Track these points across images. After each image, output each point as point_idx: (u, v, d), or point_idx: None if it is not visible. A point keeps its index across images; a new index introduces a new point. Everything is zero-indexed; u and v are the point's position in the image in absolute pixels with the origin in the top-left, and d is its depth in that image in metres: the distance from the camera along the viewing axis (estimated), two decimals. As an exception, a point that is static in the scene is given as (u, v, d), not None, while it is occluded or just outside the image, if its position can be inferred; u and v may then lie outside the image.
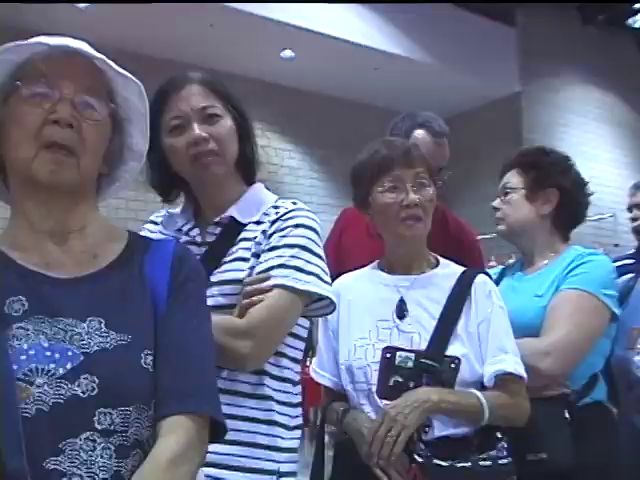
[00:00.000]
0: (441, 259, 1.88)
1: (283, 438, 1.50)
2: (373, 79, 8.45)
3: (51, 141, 1.11)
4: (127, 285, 1.15)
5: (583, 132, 9.81)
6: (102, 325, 1.09)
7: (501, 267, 2.36)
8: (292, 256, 1.46)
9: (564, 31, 9.69)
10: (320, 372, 1.86)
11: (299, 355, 1.59)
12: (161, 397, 1.08)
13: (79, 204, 1.18)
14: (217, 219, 1.57)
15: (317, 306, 1.52)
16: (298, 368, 1.59)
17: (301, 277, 1.44)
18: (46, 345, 1.05)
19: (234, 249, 1.52)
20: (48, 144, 1.11)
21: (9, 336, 1.04)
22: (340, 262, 2.29)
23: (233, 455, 1.42)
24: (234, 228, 1.56)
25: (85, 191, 1.19)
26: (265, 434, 1.47)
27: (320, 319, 1.86)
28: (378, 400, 1.69)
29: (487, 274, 1.91)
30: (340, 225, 2.56)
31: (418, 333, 1.73)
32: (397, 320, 1.75)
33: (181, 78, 1.56)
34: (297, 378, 1.58)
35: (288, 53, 7.95)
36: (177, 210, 1.66)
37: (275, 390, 1.50)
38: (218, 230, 1.57)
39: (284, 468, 1.49)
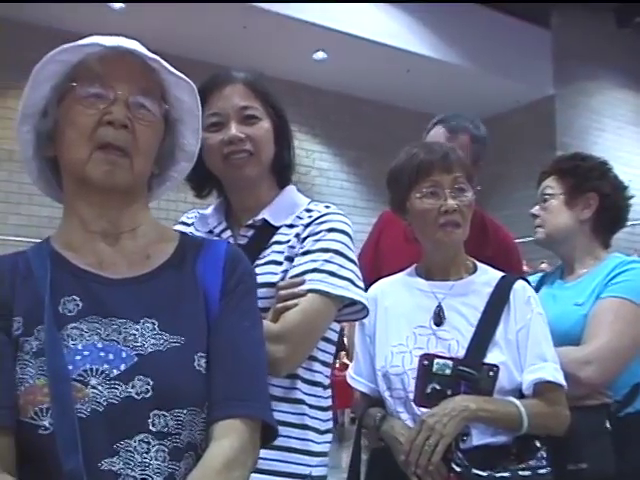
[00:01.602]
0: (479, 264, 1.85)
1: (315, 442, 1.50)
2: (405, 81, 8.43)
3: (105, 142, 1.11)
4: (180, 286, 1.15)
5: (618, 136, 9.70)
6: (155, 326, 1.09)
7: (540, 274, 2.33)
8: (326, 260, 1.45)
9: (599, 33, 9.59)
10: (357, 378, 1.85)
11: (330, 359, 1.58)
12: (214, 400, 1.08)
13: (131, 205, 1.18)
14: (250, 221, 1.57)
15: (349, 311, 1.51)
16: (329, 372, 1.59)
17: (335, 282, 1.44)
18: (100, 346, 1.05)
19: (267, 252, 1.52)
20: (102, 145, 1.11)
21: (64, 336, 1.05)
22: (377, 266, 2.28)
23: (266, 459, 1.41)
24: (267, 231, 1.55)
25: (137, 191, 1.19)
26: (298, 438, 1.46)
27: (357, 325, 1.86)
28: (415, 408, 1.67)
29: (526, 280, 1.88)
30: (378, 228, 2.54)
31: (456, 340, 1.70)
32: (434, 327, 1.73)
33: (224, 76, 1.56)
34: (327, 382, 1.58)
35: (320, 55, 7.96)
36: (208, 211, 1.66)
37: (307, 394, 1.50)
38: (250, 233, 1.56)
39: (316, 472, 1.49)
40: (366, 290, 1.56)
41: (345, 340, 7.25)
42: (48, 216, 6.96)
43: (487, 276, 1.81)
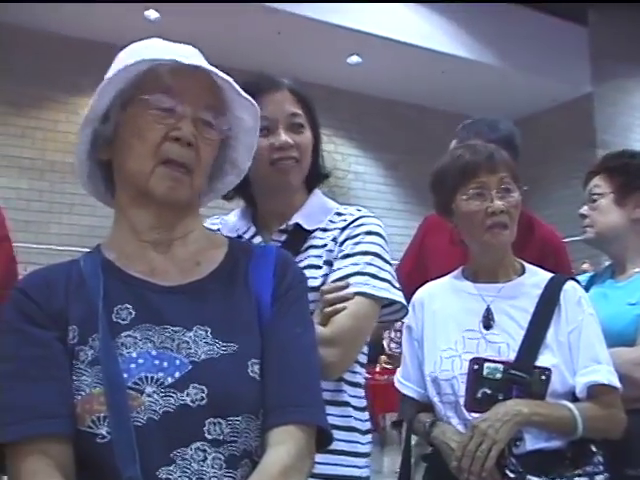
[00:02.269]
0: (527, 265, 1.82)
1: (361, 443, 1.51)
2: (440, 83, 8.38)
3: (170, 158, 1.11)
4: (231, 292, 1.15)
5: (662, 133, 9.53)
6: (208, 334, 1.09)
7: (588, 274, 2.29)
8: (367, 263, 1.46)
9: (637, 30, 9.43)
10: (405, 383, 1.83)
11: (365, 359, 1.59)
12: (269, 406, 1.08)
13: (186, 216, 1.19)
14: (282, 226, 1.57)
15: (387, 311, 1.52)
16: (364, 372, 1.60)
17: (377, 284, 1.45)
18: (154, 353, 1.05)
19: (302, 256, 1.52)
20: (166, 160, 1.11)
21: (118, 344, 1.05)
22: (422, 269, 2.27)
23: (318, 463, 1.41)
24: (300, 235, 1.55)
25: (193, 203, 1.20)
26: (345, 440, 1.46)
27: (404, 329, 1.85)
28: (466, 413, 1.65)
29: (576, 280, 1.84)
30: (422, 232, 2.53)
31: (506, 343, 1.68)
32: (484, 330, 1.71)
33: (272, 81, 1.56)
34: (363, 382, 1.59)
35: (355, 59, 7.96)
36: (232, 217, 1.66)
37: (351, 396, 1.51)
38: (283, 237, 1.56)
39: (364, 474, 1.50)
40: (406, 294, 1.55)
41: (385, 344, 7.23)
42: (88, 225, 7.07)
43: (536, 277, 1.78)
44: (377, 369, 7.71)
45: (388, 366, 7.41)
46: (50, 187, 7.08)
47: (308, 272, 1.48)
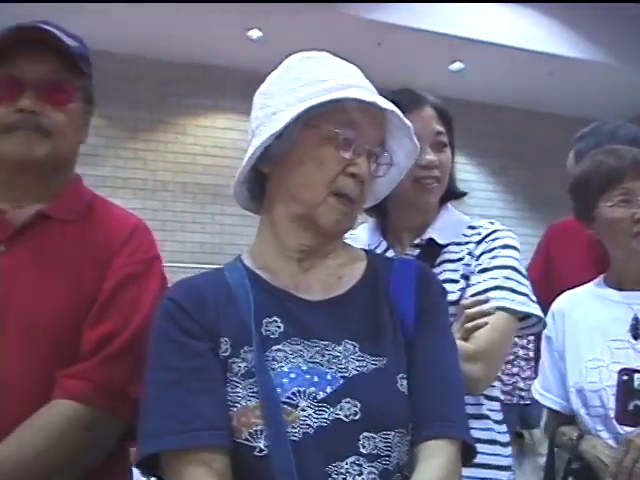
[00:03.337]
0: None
1: (503, 456, 1.49)
2: (547, 85, 8.15)
3: (344, 193, 1.13)
4: (374, 307, 1.15)
5: None
6: (357, 349, 1.09)
7: None
8: (506, 277, 1.45)
9: None
10: (546, 394, 1.78)
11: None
12: (419, 421, 1.07)
13: (338, 240, 1.21)
14: (417, 241, 1.56)
15: (523, 325, 1.50)
16: (499, 385, 1.59)
17: (516, 298, 1.44)
18: (305, 368, 1.06)
19: (437, 271, 1.51)
20: (339, 194, 1.12)
21: (269, 358, 1.07)
22: (549, 279, 2.22)
23: (464, 477, 1.40)
24: (433, 250, 1.55)
25: None
26: (488, 454, 1.45)
27: (543, 340, 1.82)
28: (617, 426, 1.59)
29: None
30: (547, 241, 2.47)
31: (657, 353, 1.61)
32: (632, 340, 1.65)
33: (415, 97, 1.56)
34: (499, 395, 1.58)
35: (457, 65, 7.85)
36: (360, 231, 1.66)
37: (490, 410, 1.50)
38: (416, 252, 1.56)
39: None
40: (538, 304, 1.52)
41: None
42: (199, 242, 7.26)
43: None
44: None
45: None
46: (162, 206, 7.30)
47: (446, 286, 1.48)
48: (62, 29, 1.34)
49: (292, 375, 1.05)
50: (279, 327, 1.09)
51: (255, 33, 7.03)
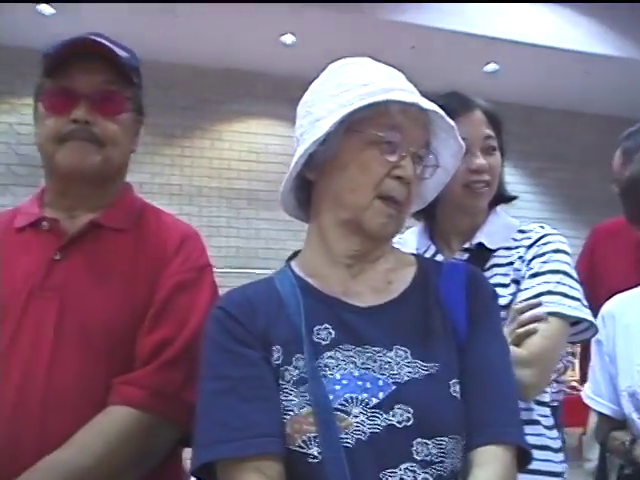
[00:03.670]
0: None
1: (555, 462, 1.48)
2: (583, 84, 8.05)
3: (390, 196, 1.13)
4: (425, 312, 1.14)
5: None
6: (408, 354, 1.08)
7: None
8: (558, 282, 1.44)
9: None
10: (596, 399, 1.76)
11: None
12: (473, 426, 1.07)
13: (384, 243, 1.20)
14: (466, 245, 1.56)
15: (574, 330, 1.48)
16: (549, 390, 1.57)
17: (568, 303, 1.43)
18: (356, 374, 1.06)
19: (487, 275, 1.50)
20: (385, 197, 1.13)
21: (321, 365, 1.07)
22: (595, 281, 2.20)
23: None
24: (483, 254, 1.54)
25: None
26: (540, 460, 1.43)
27: (593, 344, 1.79)
28: (672, 431, 1.56)
29: None
30: (591, 243, 2.45)
31: None
32: (685, 343, 1.61)
33: (464, 101, 1.56)
34: (549, 400, 1.56)
35: (492, 67, 7.80)
36: (408, 235, 1.66)
37: (540, 415, 1.49)
38: (466, 256, 1.56)
39: None
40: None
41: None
42: (234, 246, 7.29)
43: None
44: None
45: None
46: (198, 211, 7.35)
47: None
48: (113, 40, 1.36)
49: (344, 382, 1.05)
50: (330, 334, 1.10)
51: (288, 38, 7.04)
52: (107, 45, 1.33)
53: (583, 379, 1.88)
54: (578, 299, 1.44)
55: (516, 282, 1.48)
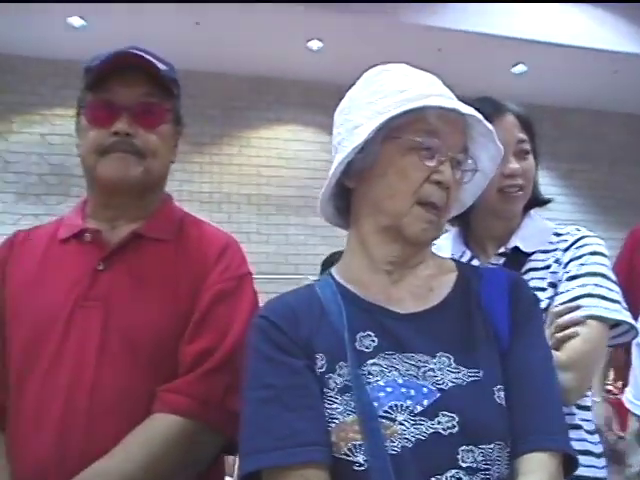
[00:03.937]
0: None
1: (597, 467, 1.46)
2: (612, 83, 7.97)
3: (429, 201, 1.13)
4: (467, 318, 1.14)
5: None
6: (451, 361, 1.08)
7: None
8: (596, 285, 1.43)
9: None
10: (638, 403, 1.74)
11: None
12: (518, 433, 1.06)
13: (424, 249, 1.20)
14: (501, 250, 1.55)
15: (613, 333, 1.46)
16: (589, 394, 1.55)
17: (607, 305, 1.41)
18: (400, 382, 1.06)
19: (525, 278, 1.48)
20: (425, 202, 1.13)
21: (364, 372, 1.07)
22: (634, 285, 2.18)
23: None
24: (518, 258, 1.54)
25: None
26: (584, 465, 1.40)
27: (634, 347, 1.77)
28: None
29: None
30: (629, 245, 2.42)
31: None
32: None
33: (497, 106, 1.55)
34: (591, 405, 1.55)
35: (520, 68, 7.75)
36: (443, 241, 1.65)
37: (582, 419, 1.47)
38: (502, 261, 1.55)
39: None
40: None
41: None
42: (265, 252, 7.30)
43: None
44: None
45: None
46: (228, 218, 7.38)
47: None
48: (152, 53, 1.38)
49: (388, 389, 1.05)
50: (373, 341, 1.10)
51: (315, 44, 7.06)
52: (147, 58, 1.35)
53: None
54: (617, 301, 1.43)
55: (553, 285, 1.47)
